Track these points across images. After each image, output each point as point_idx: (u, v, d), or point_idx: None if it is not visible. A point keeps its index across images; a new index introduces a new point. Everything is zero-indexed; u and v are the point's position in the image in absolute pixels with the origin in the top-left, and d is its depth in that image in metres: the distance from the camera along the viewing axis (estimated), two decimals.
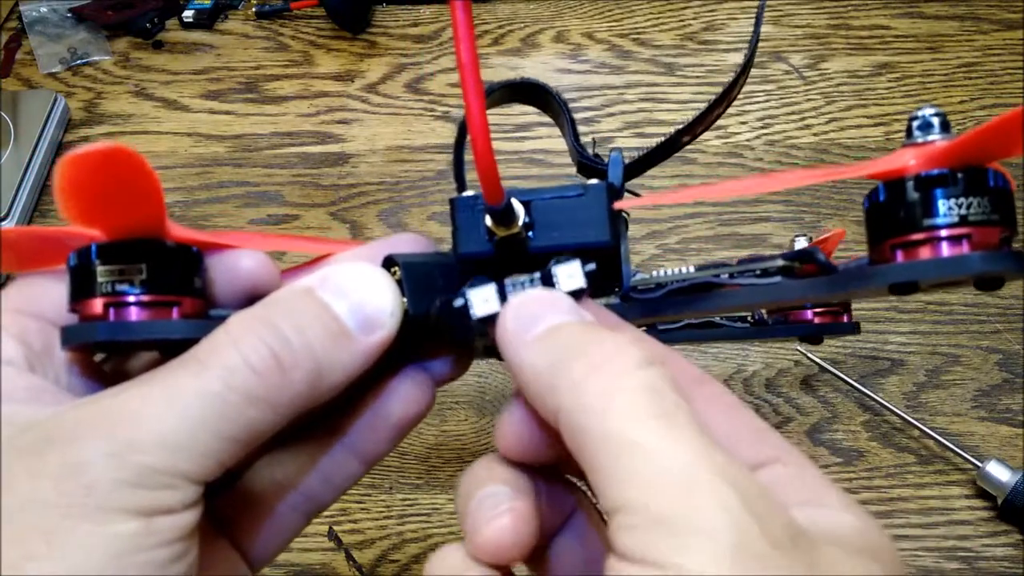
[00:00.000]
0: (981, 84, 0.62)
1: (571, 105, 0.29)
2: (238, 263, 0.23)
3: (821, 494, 0.21)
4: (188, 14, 0.70)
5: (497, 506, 0.22)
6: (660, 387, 0.20)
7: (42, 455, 0.19)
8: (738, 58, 0.65)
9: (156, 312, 0.21)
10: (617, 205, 0.25)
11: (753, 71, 0.64)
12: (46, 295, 0.23)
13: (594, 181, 0.25)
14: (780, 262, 0.23)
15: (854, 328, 0.33)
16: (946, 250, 0.20)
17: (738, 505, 0.18)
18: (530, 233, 0.24)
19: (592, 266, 0.23)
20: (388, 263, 0.24)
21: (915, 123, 0.21)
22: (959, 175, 0.20)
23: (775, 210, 0.57)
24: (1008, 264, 0.19)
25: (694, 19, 0.67)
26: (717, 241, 0.56)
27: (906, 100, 0.62)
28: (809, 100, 0.62)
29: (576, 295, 0.23)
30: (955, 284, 0.21)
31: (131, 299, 0.21)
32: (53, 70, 0.69)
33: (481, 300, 0.23)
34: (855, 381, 0.48)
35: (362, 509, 0.47)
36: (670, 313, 0.25)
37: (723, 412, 0.23)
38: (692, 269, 0.25)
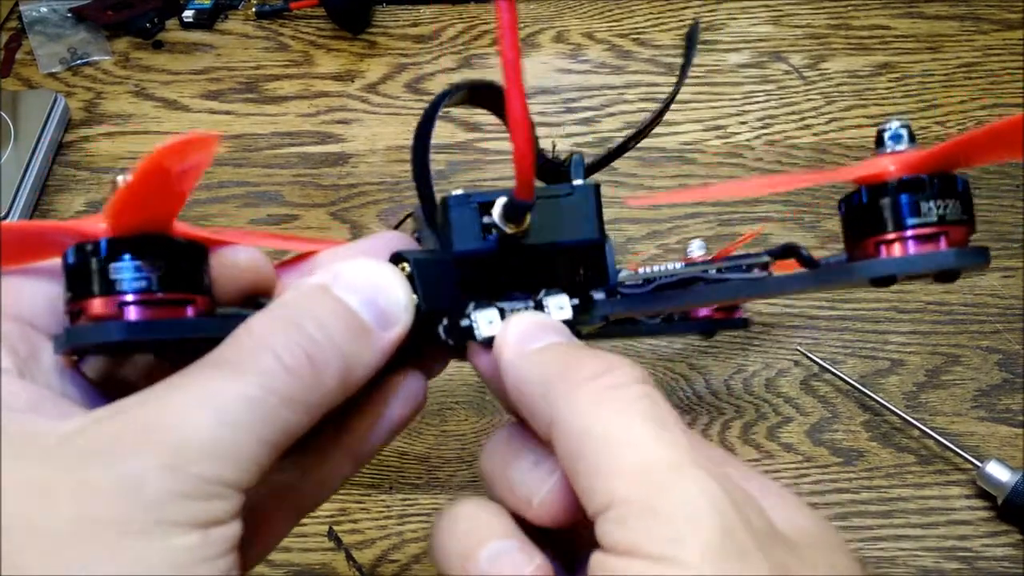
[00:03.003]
0: (981, 84, 0.62)
1: (571, 105, 0.29)
2: (237, 259, 0.23)
3: (774, 496, 0.22)
4: (188, 14, 0.70)
5: (522, 566, 0.22)
6: (653, 397, 0.20)
7: (88, 470, 0.18)
8: (738, 58, 0.65)
9: (172, 311, 0.21)
10: (631, 203, 0.27)
11: (753, 71, 0.64)
12: (24, 296, 0.22)
13: (579, 182, 0.26)
14: (766, 258, 0.25)
15: (744, 323, 0.37)
16: (927, 246, 0.22)
17: (724, 498, 0.18)
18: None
19: (576, 300, 0.25)
20: (396, 259, 0.24)
21: (886, 134, 0.23)
22: (936, 180, 0.22)
23: (775, 210, 0.57)
24: (977, 259, 0.22)
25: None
26: (717, 241, 0.56)
27: (906, 100, 0.62)
28: (809, 100, 0.62)
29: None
30: (921, 276, 0.23)
31: (151, 297, 0.20)
32: (53, 70, 0.69)
33: (486, 322, 0.24)
34: (855, 381, 0.48)
35: (362, 509, 0.47)
36: (656, 307, 0.26)
37: None
38: (679, 266, 0.26)
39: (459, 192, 0.25)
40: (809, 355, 0.50)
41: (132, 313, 0.20)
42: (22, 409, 0.19)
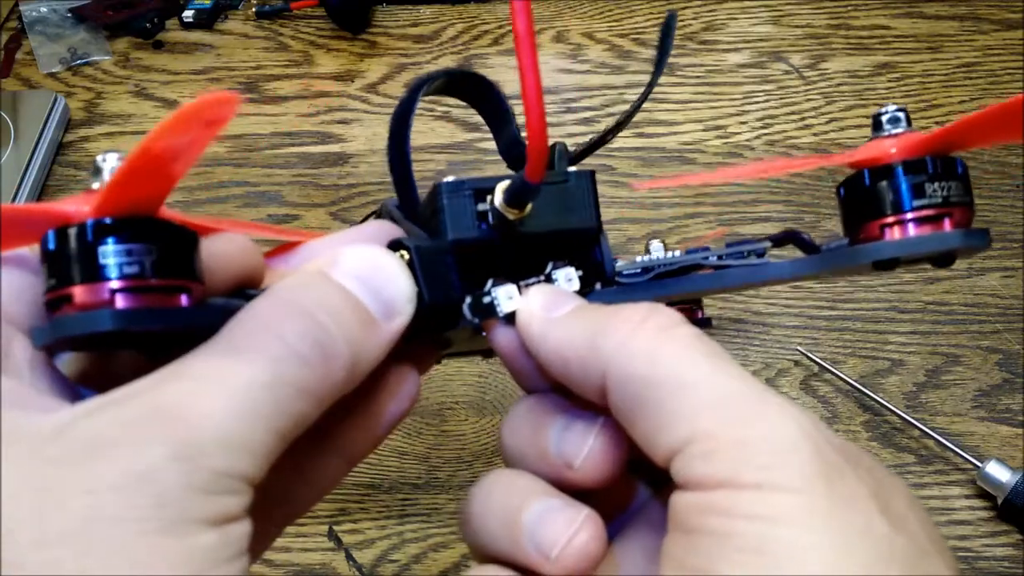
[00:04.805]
0: (981, 84, 0.62)
1: (571, 105, 0.29)
2: (227, 247, 0.22)
3: None
4: (188, 14, 0.70)
5: (573, 519, 0.21)
6: (702, 336, 0.20)
7: (95, 464, 0.16)
8: (738, 58, 0.65)
9: (165, 298, 0.19)
10: (638, 185, 0.27)
11: (753, 71, 0.64)
12: None
13: (574, 169, 0.26)
14: (767, 244, 0.25)
15: (707, 323, 0.36)
16: (932, 228, 0.22)
17: (807, 421, 0.19)
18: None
19: (580, 272, 0.25)
20: (394, 247, 0.23)
21: (884, 118, 0.23)
22: (939, 162, 0.22)
23: (775, 210, 0.57)
24: (981, 240, 0.22)
25: (694, 19, 0.67)
26: (717, 241, 0.55)
27: (906, 100, 0.62)
28: (809, 100, 0.62)
29: None
30: (921, 260, 0.23)
31: (143, 283, 0.19)
32: (53, 70, 0.68)
33: (506, 297, 0.24)
34: (855, 381, 0.48)
35: (361, 509, 0.47)
36: (655, 295, 0.25)
37: None
38: (677, 255, 0.26)
39: (451, 179, 0.24)
40: (809, 355, 0.50)
41: (124, 301, 0.19)
42: (4, 404, 0.18)
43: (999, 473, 0.44)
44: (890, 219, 0.22)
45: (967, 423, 0.48)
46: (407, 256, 0.23)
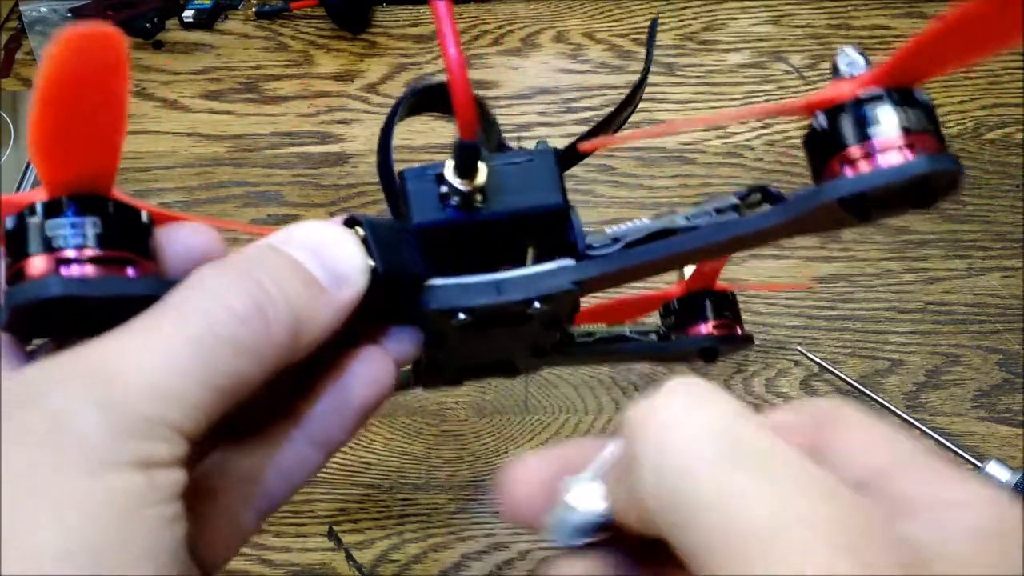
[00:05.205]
0: (981, 84, 0.62)
1: (571, 105, 0.29)
2: (189, 237, 0.23)
3: (934, 485, 0.17)
4: (188, 14, 0.70)
5: None
6: (721, 428, 0.17)
7: (23, 417, 0.17)
8: (738, 58, 0.65)
9: (112, 269, 0.20)
10: (582, 147, 0.26)
11: (753, 71, 0.64)
12: None
13: (540, 147, 0.25)
14: (734, 200, 0.24)
15: (749, 340, 0.35)
16: (896, 157, 0.21)
17: (836, 550, 0.15)
18: (479, 198, 0.24)
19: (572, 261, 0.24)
20: (350, 223, 0.24)
21: (843, 62, 0.22)
22: (894, 91, 0.21)
23: None
24: (948, 163, 0.21)
25: (694, 19, 0.67)
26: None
27: None
28: None
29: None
30: (899, 205, 0.22)
31: (86, 253, 0.20)
32: None
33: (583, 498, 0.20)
34: (855, 381, 0.48)
35: (361, 509, 0.47)
36: (630, 264, 0.25)
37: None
38: (647, 220, 0.25)
39: (416, 166, 0.25)
40: (809, 355, 0.50)
41: (68, 269, 0.20)
42: None
43: (999, 473, 0.44)
44: (849, 154, 0.21)
45: (967, 423, 0.48)
46: (362, 232, 0.23)
